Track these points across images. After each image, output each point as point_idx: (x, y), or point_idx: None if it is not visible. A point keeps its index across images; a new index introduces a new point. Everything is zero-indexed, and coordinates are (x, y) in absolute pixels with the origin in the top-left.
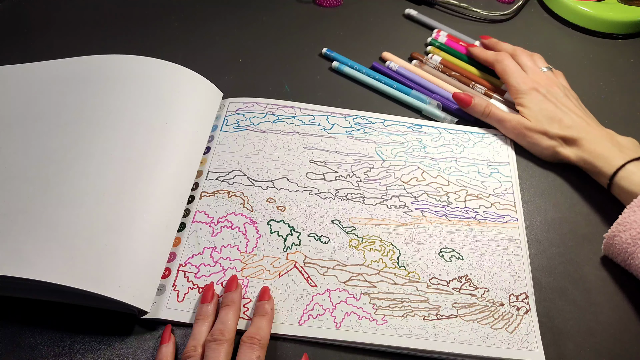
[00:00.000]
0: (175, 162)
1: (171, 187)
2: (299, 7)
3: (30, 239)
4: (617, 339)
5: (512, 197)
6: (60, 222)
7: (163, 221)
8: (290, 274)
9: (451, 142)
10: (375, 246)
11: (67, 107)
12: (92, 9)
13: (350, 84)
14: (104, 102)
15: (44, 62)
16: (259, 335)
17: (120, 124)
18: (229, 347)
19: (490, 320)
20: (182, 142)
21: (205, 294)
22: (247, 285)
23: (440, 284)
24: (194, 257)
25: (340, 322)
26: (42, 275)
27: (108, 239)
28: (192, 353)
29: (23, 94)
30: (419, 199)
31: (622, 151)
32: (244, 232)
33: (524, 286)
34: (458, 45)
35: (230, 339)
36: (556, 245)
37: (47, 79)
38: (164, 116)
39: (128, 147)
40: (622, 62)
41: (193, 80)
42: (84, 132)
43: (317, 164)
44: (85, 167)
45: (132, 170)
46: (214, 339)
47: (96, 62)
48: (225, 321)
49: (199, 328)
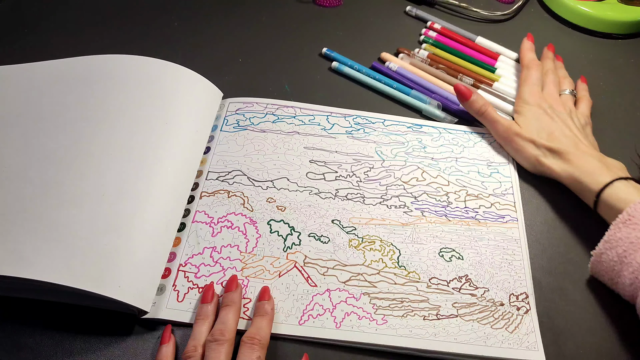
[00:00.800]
0: (174, 162)
1: (171, 187)
2: (299, 7)
3: (30, 239)
4: (618, 339)
5: (512, 197)
6: (60, 222)
7: (163, 221)
8: (290, 274)
9: (451, 142)
10: (375, 246)
11: (66, 108)
12: (91, 9)
13: (350, 84)
14: (103, 103)
15: (43, 62)
16: (259, 335)
17: (120, 124)
18: (230, 347)
19: (491, 320)
20: (182, 142)
21: (206, 294)
22: (247, 285)
23: (441, 284)
24: (194, 257)
25: (340, 322)
26: (42, 275)
27: (108, 239)
28: (192, 353)
29: (23, 94)
30: (419, 199)
31: (610, 169)
32: (244, 232)
33: (524, 286)
34: (448, 41)
35: (231, 339)
36: (556, 245)
37: (47, 79)
38: (164, 116)
39: (128, 147)
40: (622, 62)
41: (193, 80)
42: (83, 132)
43: (317, 164)
44: (85, 167)
45: (132, 170)
46: (214, 339)
47: (96, 62)
48: (226, 321)
49: (199, 328)
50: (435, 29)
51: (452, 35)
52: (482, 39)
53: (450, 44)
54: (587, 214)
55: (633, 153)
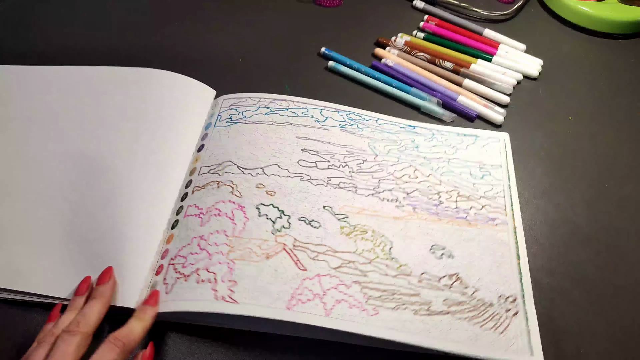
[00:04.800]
0: (165, 163)
1: (162, 190)
2: (299, 7)
3: (24, 250)
4: (618, 339)
5: (502, 200)
6: (52, 230)
7: (152, 222)
8: (278, 257)
9: (444, 143)
10: (367, 236)
11: (57, 116)
12: (92, 9)
13: (350, 84)
14: (94, 111)
15: (38, 67)
16: (128, 338)
17: (111, 132)
18: (83, 341)
19: (480, 320)
20: (172, 144)
21: (80, 287)
22: (233, 269)
23: (432, 280)
24: (182, 249)
25: (330, 309)
26: (35, 288)
27: (98, 245)
28: (45, 339)
29: (19, 98)
30: (411, 195)
31: None
32: (231, 218)
33: (513, 288)
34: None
35: (86, 332)
36: (556, 246)
37: (41, 85)
38: (153, 120)
39: (118, 152)
40: (622, 62)
41: (180, 82)
42: (74, 141)
43: (309, 153)
44: (75, 173)
45: (123, 175)
46: (67, 329)
47: (89, 73)
48: (87, 313)
49: (65, 317)
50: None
51: (449, 27)
52: (490, 31)
53: (448, 35)
54: (588, 214)
55: (633, 153)
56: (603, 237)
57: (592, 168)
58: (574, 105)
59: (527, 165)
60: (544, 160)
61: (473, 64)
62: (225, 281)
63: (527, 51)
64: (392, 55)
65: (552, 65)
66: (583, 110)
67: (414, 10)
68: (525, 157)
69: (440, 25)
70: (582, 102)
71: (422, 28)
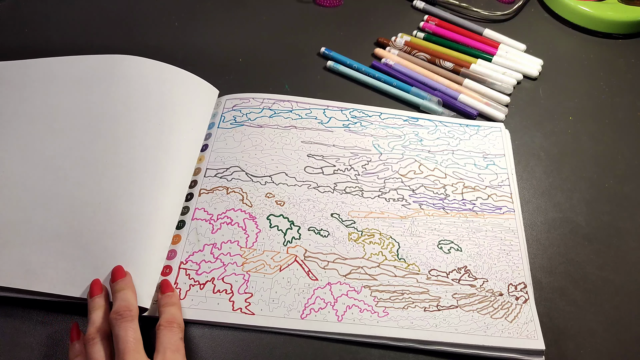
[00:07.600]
0: (171, 160)
1: (167, 186)
2: (299, 7)
3: (34, 250)
4: (618, 339)
5: (508, 188)
6: (60, 229)
7: (160, 220)
8: (290, 268)
9: (447, 134)
10: (375, 239)
11: (61, 109)
12: (92, 8)
13: (350, 84)
14: (98, 105)
15: (38, 60)
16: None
17: (115, 127)
18: (137, 324)
19: (490, 310)
20: (177, 141)
21: (93, 288)
22: (248, 280)
23: (440, 276)
24: (194, 254)
25: (342, 315)
26: (48, 287)
27: (107, 242)
28: (93, 335)
29: (17, 92)
30: (416, 191)
31: None
32: (243, 228)
33: (522, 276)
34: (446, 32)
35: (137, 315)
36: (556, 245)
37: (41, 78)
38: (158, 116)
39: (123, 148)
40: (622, 62)
41: (186, 79)
42: (79, 136)
43: (315, 158)
44: (81, 172)
45: (128, 171)
46: (119, 315)
47: (90, 62)
48: (127, 298)
49: (95, 316)
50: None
51: (449, 27)
52: (490, 31)
53: (448, 35)
54: (588, 213)
55: (633, 153)
56: (603, 237)
57: (592, 168)
58: (574, 105)
59: (527, 165)
60: (544, 160)
61: (473, 64)
62: (242, 293)
63: (527, 51)
64: (392, 55)
65: (552, 65)
66: (583, 110)
67: (414, 10)
68: (525, 157)
69: (440, 25)
70: (582, 102)
71: (422, 28)
